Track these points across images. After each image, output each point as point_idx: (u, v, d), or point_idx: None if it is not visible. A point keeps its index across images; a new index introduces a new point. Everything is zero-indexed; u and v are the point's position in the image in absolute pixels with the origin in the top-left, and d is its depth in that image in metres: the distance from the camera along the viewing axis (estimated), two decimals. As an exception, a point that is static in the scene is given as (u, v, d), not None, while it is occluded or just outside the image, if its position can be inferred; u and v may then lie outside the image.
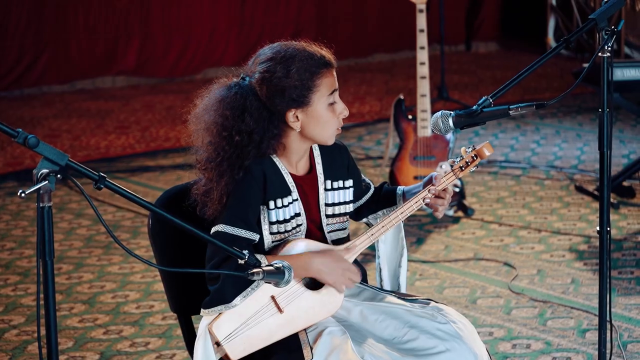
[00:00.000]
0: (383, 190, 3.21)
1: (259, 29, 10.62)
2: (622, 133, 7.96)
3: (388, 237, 3.19)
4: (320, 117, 2.94)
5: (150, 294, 5.02)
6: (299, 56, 2.91)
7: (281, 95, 2.90)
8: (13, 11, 9.50)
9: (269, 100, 2.91)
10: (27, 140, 2.28)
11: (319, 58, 2.93)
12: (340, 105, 2.97)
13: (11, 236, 5.93)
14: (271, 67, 2.91)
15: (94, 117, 8.82)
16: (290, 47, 2.95)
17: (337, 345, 2.85)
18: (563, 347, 4.32)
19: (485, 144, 3.03)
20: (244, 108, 2.91)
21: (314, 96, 2.92)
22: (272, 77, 2.90)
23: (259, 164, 2.93)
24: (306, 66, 2.90)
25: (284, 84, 2.89)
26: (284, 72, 2.89)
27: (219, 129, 2.92)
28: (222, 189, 2.90)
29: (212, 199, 2.91)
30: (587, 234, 5.71)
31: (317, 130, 2.95)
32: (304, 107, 2.92)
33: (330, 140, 2.99)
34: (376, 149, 7.76)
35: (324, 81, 2.93)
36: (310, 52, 2.94)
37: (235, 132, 2.90)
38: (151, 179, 7.03)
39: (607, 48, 3.06)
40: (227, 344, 2.86)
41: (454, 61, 11.25)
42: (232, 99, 2.92)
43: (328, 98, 2.94)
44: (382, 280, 3.19)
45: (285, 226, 2.96)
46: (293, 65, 2.90)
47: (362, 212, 3.20)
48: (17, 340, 4.54)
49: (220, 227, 2.88)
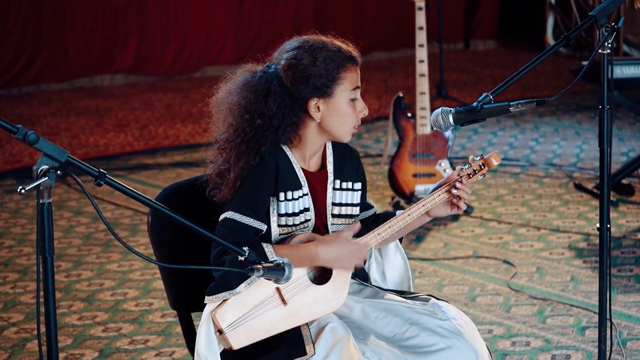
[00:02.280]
0: (383, 212, 3.20)
1: (256, 27, 10.61)
2: (621, 131, 7.96)
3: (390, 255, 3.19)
4: (340, 111, 2.96)
5: (150, 291, 5.02)
6: (326, 47, 2.95)
7: (306, 82, 2.92)
8: (11, 9, 9.49)
9: (293, 86, 2.93)
10: (27, 137, 2.28)
11: (346, 52, 2.97)
12: (360, 103, 3.00)
13: (10, 234, 5.93)
14: (298, 54, 2.94)
15: (93, 115, 8.82)
16: (318, 38, 2.99)
17: (339, 341, 2.85)
18: (562, 345, 4.32)
19: (493, 154, 3.04)
20: (268, 92, 2.93)
21: (337, 88, 2.94)
22: (298, 64, 2.93)
23: (272, 154, 2.94)
24: (333, 57, 2.94)
25: (310, 72, 2.92)
26: (310, 60, 2.92)
27: (241, 111, 2.94)
28: (238, 171, 2.91)
29: (227, 180, 2.92)
30: (586, 231, 5.71)
31: (335, 123, 2.97)
32: (326, 97, 2.94)
33: (347, 136, 3.01)
34: (375, 146, 7.76)
35: (348, 75, 2.96)
36: (338, 45, 2.98)
37: (257, 115, 2.92)
38: (150, 177, 7.03)
39: (607, 45, 3.06)
40: (230, 332, 2.86)
41: (452, 59, 11.25)
42: (257, 83, 2.95)
43: (350, 93, 2.97)
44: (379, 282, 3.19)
45: (294, 219, 2.96)
46: (320, 54, 2.93)
47: (361, 230, 3.16)
48: (16, 337, 4.53)
49: (230, 214, 2.89)
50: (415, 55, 6.08)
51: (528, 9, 12.36)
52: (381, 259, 3.17)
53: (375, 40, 11.48)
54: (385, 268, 3.17)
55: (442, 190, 3.04)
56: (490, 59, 11.47)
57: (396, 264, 3.18)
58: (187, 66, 10.47)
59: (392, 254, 3.17)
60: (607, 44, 3.06)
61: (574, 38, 3.11)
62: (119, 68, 10.20)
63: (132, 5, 10.11)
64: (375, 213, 3.20)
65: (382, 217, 3.17)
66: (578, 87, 8.69)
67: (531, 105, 3.00)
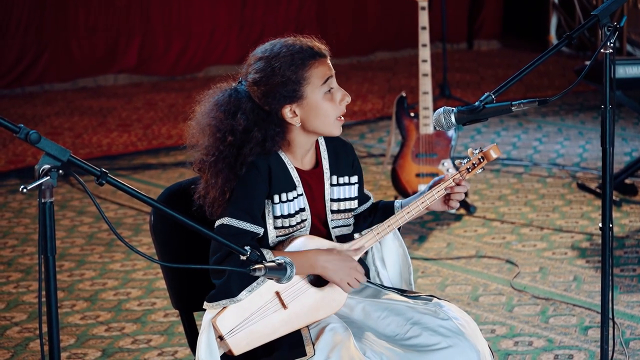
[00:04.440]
0: (380, 203, 3.20)
1: (259, 27, 10.62)
2: (624, 131, 7.96)
3: (389, 244, 3.19)
4: (318, 108, 2.92)
5: (152, 291, 5.02)
6: (283, 52, 2.90)
7: (272, 94, 2.90)
8: (14, 9, 9.50)
9: (262, 100, 2.91)
10: (29, 136, 2.28)
11: (305, 50, 2.91)
12: (339, 93, 2.95)
13: (13, 234, 5.93)
14: (258, 67, 2.91)
15: (96, 115, 8.82)
16: (276, 44, 2.93)
17: (339, 341, 2.85)
18: (565, 345, 4.32)
19: (492, 146, 3.03)
20: (238, 108, 2.91)
21: (306, 89, 2.90)
22: (261, 78, 2.90)
23: (264, 158, 2.92)
24: (291, 60, 2.89)
25: (272, 82, 2.89)
26: (270, 71, 2.89)
27: (212, 130, 2.92)
28: (219, 188, 2.90)
29: (214, 199, 2.91)
30: (589, 231, 5.71)
31: (317, 122, 2.93)
32: (298, 101, 2.91)
33: (335, 130, 2.97)
34: (378, 146, 7.76)
35: (313, 72, 2.91)
36: (296, 45, 2.92)
37: (228, 132, 2.90)
38: (153, 177, 7.03)
39: (610, 44, 3.06)
40: (231, 339, 2.86)
41: (456, 59, 11.25)
42: (226, 102, 2.93)
43: (322, 88, 2.92)
44: (382, 283, 3.18)
45: (290, 221, 2.95)
46: (277, 62, 2.88)
47: (359, 223, 3.16)
48: (19, 337, 4.54)
49: (225, 220, 2.88)
50: (418, 55, 6.08)
51: (531, 9, 12.36)
52: (380, 246, 3.16)
53: (378, 40, 11.48)
54: (384, 255, 3.17)
55: (441, 187, 3.04)
56: (493, 59, 11.47)
57: (394, 250, 3.17)
58: (190, 66, 10.48)
59: (390, 242, 3.16)
60: (609, 43, 3.06)
61: (577, 38, 3.11)
62: (122, 68, 10.20)
63: (135, 5, 10.12)
64: (372, 203, 3.19)
65: (380, 208, 3.16)
66: (581, 87, 8.70)
67: (533, 105, 3.00)
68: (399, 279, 3.19)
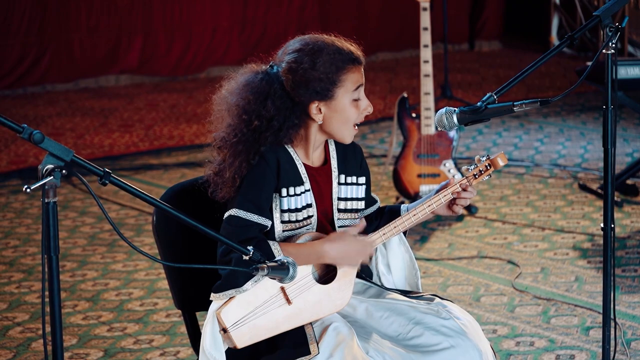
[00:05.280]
0: (387, 207, 3.21)
1: (261, 27, 10.61)
2: (625, 131, 7.96)
3: (394, 248, 3.20)
4: (343, 112, 2.96)
5: (154, 291, 5.03)
6: (327, 49, 2.94)
7: (305, 86, 2.92)
8: (16, 10, 9.50)
9: (293, 90, 2.93)
10: (33, 136, 2.28)
11: (347, 53, 2.96)
12: (364, 102, 2.99)
13: (15, 234, 5.94)
14: (298, 57, 2.93)
15: (98, 115, 8.83)
16: (319, 39, 2.97)
17: (342, 340, 2.85)
18: (567, 345, 4.32)
19: (499, 154, 3.04)
20: (268, 94, 2.94)
21: (338, 91, 2.94)
22: (298, 68, 2.92)
23: (273, 151, 2.94)
24: (333, 60, 2.92)
25: (309, 76, 2.91)
26: (310, 64, 2.91)
27: (239, 111, 2.95)
28: (235, 170, 2.92)
29: (226, 180, 2.93)
30: (590, 232, 5.71)
31: (338, 124, 2.97)
32: (327, 100, 2.94)
33: (348, 137, 3.01)
34: (380, 147, 7.76)
35: (349, 77, 2.95)
36: (339, 46, 2.96)
37: (255, 116, 2.93)
38: (155, 177, 7.03)
39: (611, 45, 3.07)
40: (234, 331, 2.87)
41: (457, 60, 11.25)
42: (257, 85, 2.95)
43: (352, 94, 2.96)
44: (384, 285, 3.19)
45: (297, 215, 2.97)
46: (320, 58, 2.92)
47: (365, 227, 3.17)
48: (21, 337, 4.54)
49: (234, 212, 2.90)
50: (419, 56, 6.08)
51: (533, 10, 12.36)
52: (385, 251, 3.17)
53: (379, 41, 11.48)
54: (390, 260, 3.18)
55: (448, 191, 3.05)
56: (495, 60, 11.47)
57: (400, 256, 3.18)
58: (192, 66, 10.48)
59: (396, 247, 3.18)
60: (611, 44, 3.06)
61: (579, 38, 3.11)
62: (124, 68, 10.21)
63: (136, 5, 10.12)
64: (379, 207, 3.21)
65: (386, 212, 3.18)
66: (583, 87, 8.70)
67: (535, 106, 3.01)
68: (404, 284, 3.19)
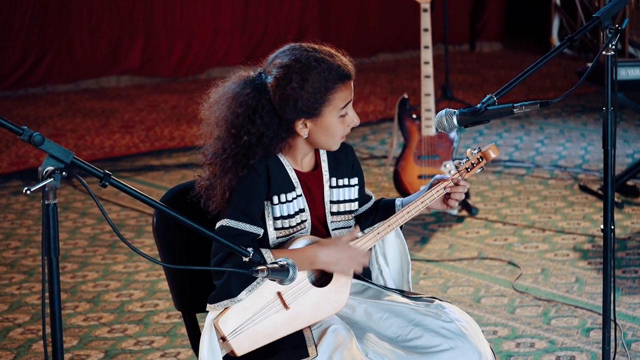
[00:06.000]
0: (382, 201, 3.21)
1: (262, 28, 10.61)
2: (626, 132, 7.96)
3: (390, 240, 3.20)
4: (329, 128, 2.94)
5: (155, 292, 5.03)
6: (317, 69, 2.88)
7: (293, 105, 2.89)
8: (17, 11, 9.50)
9: (280, 107, 2.90)
10: (33, 138, 2.28)
11: (337, 70, 2.91)
12: (351, 116, 2.98)
13: (16, 235, 5.94)
14: (287, 74, 2.88)
15: (99, 116, 8.83)
16: (310, 55, 2.90)
17: (341, 342, 2.85)
18: (567, 346, 4.32)
19: (490, 146, 3.04)
20: (255, 109, 2.90)
21: (326, 109, 2.92)
22: (286, 86, 2.88)
23: (262, 160, 2.93)
24: (322, 80, 2.88)
25: (297, 95, 2.88)
26: (299, 83, 2.87)
27: (228, 125, 2.93)
28: (225, 185, 2.91)
29: (215, 194, 2.93)
30: (591, 233, 5.71)
31: (324, 138, 2.96)
32: (314, 117, 2.92)
33: (335, 147, 3.00)
34: (380, 148, 7.76)
35: (338, 95, 2.92)
36: (330, 63, 2.90)
37: (244, 132, 2.90)
38: (155, 178, 7.03)
39: (611, 46, 3.07)
40: (233, 339, 2.87)
41: (458, 61, 11.25)
42: (245, 98, 2.91)
43: (340, 111, 2.94)
44: (385, 280, 3.19)
45: (290, 221, 2.96)
46: (310, 78, 2.87)
47: (361, 222, 3.17)
48: (22, 338, 4.54)
49: (225, 222, 2.89)
50: (420, 57, 6.08)
51: (533, 11, 12.36)
52: (382, 242, 3.17)
53: (380, 42, 11.48)
54: (386, 251, 3.18)
55: (440, 187, 3.06)
56: (495, 61, 11.47)
57: (395, 247, 3.18)
58: (193, 67, 10.48)
59: (392, 238, 3.19)
60: (611, 45, 3.06)
61: (579, 39, 3.11)
62: (125, 69, 10.21)
63: (137, 6, 10.13)
64: (374, 202, 3.20)
65: (381, 207, 3.17)
66: (583, 88, 8.70)
67: (535, 107, 3.01)
68: (399, 275, 3.19)
